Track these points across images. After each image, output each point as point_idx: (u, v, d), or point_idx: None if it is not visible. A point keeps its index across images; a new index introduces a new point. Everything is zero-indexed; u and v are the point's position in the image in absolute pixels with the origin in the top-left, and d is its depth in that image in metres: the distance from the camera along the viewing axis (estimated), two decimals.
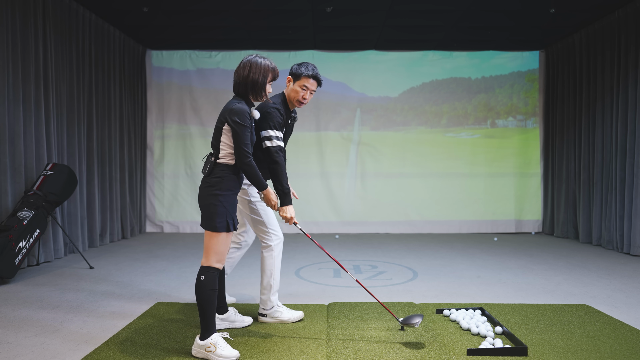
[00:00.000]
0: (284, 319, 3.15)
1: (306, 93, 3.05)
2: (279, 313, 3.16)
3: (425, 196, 7.84)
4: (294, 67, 3.07)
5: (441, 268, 5.01)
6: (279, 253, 3.13)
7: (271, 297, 3.13)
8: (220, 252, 2.61)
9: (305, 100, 3.07)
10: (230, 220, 2.61)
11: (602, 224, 6.26)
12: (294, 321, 3.17)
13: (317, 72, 3.05)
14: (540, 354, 2.65)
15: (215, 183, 2.60)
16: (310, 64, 3.08)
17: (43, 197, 4.60)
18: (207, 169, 2.64)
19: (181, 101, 7.79)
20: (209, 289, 2.56)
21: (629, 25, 5.74)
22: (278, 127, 2.94)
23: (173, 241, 6.78)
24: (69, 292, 3.97)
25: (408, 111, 7.91)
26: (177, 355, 2.62)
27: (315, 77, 3.04)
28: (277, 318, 3.15)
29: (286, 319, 3.15)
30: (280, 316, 3.15)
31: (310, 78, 3.03)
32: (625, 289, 4.15)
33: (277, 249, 3.11)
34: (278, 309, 3.17)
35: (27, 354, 2.64)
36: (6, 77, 4.62)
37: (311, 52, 7.71)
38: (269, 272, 3.10)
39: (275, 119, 2.93)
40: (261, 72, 2.72)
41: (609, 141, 6.18)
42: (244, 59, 2.78)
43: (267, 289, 3.12)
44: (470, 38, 7.17)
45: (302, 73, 3.02)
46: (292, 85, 3.07)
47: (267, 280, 3.11)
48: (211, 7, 5.91)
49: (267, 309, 3.15)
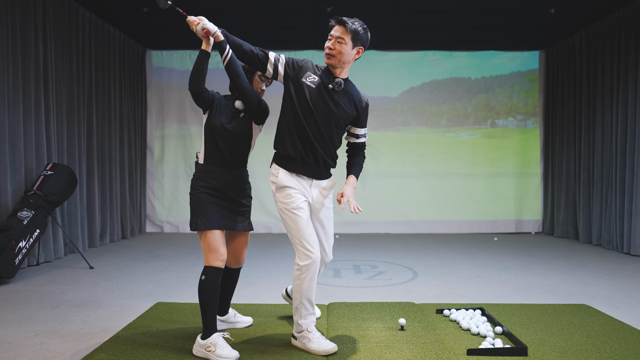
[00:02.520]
0: (310, 348, 2.65)
1: (329, 42, 2.64)
2: (307, 340, 2.68)
3: (425, 196, 7.84)
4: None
5: (441, 268, 5.01)
6: (311, 276, 2.60)
7: (300, 321, 2.69)
8: (211, 250, 2.57)
9: (332, 50, 2.63)
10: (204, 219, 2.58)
11: (602, 224, 6.26)
12: (321, 353, 2.63)
13: (338, 17, 2.65)
14: (540, 354, 2.65)
15: (195, 181, 2.69)
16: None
17: (43, 197, 4.60)
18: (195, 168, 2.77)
19: (181, 101, 7.79)
20: (210, 289, 2.57)
21: (629, 25, 5.74)
22: (291, 58, 2.68)
23: (173, 241, 6.77)
24: (69, 292, 3.97)
25: (408, 111, 7.91)
26: (177, 355, 2.62)
27: (336, 18, 2.64)
28: (304, 345, 2.69)
29: (313, 349, 2.64)
30: (307, 344, 2.67)
31: (331, 23, 2.66)
32: (625, 289, 4.15)
33: (307, 270, 2.59)
34: (307, 334, 2.68)
35: (27, 354, 2.64)
36: (6, 77, 4.62)
37: (311, 52, 7.71)
38: (297, 295, 2.64)
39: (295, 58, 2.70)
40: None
41: (609, 141, 6.18)
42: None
43: (296, 313, 2.70)
44: (470, 38, 7.17)
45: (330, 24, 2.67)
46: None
47: (295, 303, 2.68)
48: (211, 7, 5.92)
49: (297, 332, 2.74)
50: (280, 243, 6.52)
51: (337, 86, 2.69)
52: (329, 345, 2.64)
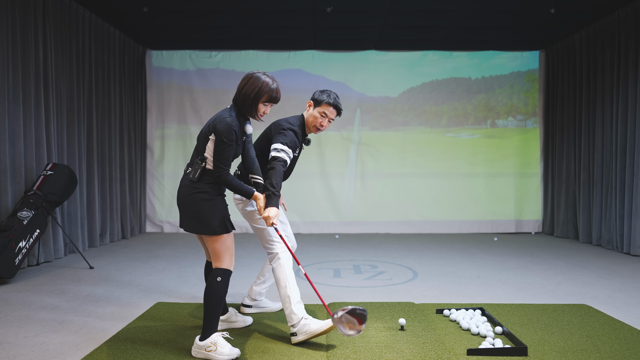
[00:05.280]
0: (313, 331, 2.76)
1: (324, 120, 3.07)
2: (307, 326, 2.78)
3: (425, 196, 7.84)
4: (316, 93, 3.10)
5: (441, 268, 5.01)
6: (287, 261, 2.93)
7: (294, 309, 2.81)
8: (230, 253, 2.64)
9: (323, 127, 3.09)
10: (228, 222, 2.64)
11: (602, 224, 6.26)
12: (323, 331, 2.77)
13: (338, 102, 3.08)
14: (540, 354, 2.65)
15: (208, 189, 2.58)
16: (332, 92, 3.09)
17: (43, 197, 4.60)
18: (197, 174, 2.58)
19: (181, 101, 7.79)
20: (223, 291, 2.59)
21: (629, 25, 5.74)
22: (292, 146, 2.91)
23: (173, 241, 6.78)
24: (69, 292, 3.97)
25: (408, 111, 7.91)
26: (177, 355, 2.62)
27: (336, 106, 3.06)
28: (307, 332, 2.77)
29: (315, 331, 2.76)
30: (309, 329, 2.77)
31: (331, 106, 3.04)
32: (625, 289, 4.15)
33: (284, 256, 2.93)
34: (305, 321, 2.79)
35: (27, 354, 2.64)
36: (6, 77, 4.62)
37: (311, 52, 7.71)
38: (283, 283, 2.87)
39: (290, 138, 2.93)
40: (256, 89, 2.60)
41: (609, 141, 6.18)
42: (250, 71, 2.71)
43: (286, 302, 2.85)
44: (470, 38, 7.17)
45: (323, 100, 3.04)
46: (312, 110, 3.09)
47: (283, 292, 2.86)
48: (211, 7, 5.91)
49: (294, 324, 2.80)
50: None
51: (307, 143, 3.21)
52: (326, 323, 2.78)
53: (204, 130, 2.64)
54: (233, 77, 7.67)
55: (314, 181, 7.80)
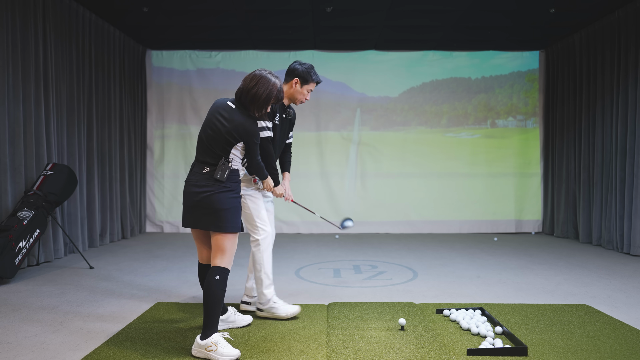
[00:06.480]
0: (279, 315, 3.21)
1: (309, 95, 3.30)
2: (275, 309, 3.21)
3: (425, 196, 7.84)
4: (301, 70, 3.20)
5: (441, 268, 5.01)
6: (267, 246, 3.19)
7: (264, 291, 3.18)
8: (234, 252, 2.72)
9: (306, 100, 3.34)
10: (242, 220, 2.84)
11: (602, 224, 6.26)
12: (289, 317, 3.22)
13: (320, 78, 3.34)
14: (540, 354, 2.65)
15: (235, 187, 2.68)
16: (312, 67, 3.27)
17: (43, 197, 4.60)
18: (225, 174, 2.62)
19: (181, 101, 7.79)
20: (222, 289, 2.61)
21: (629, 25, 5.74)
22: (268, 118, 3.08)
23: (173, 241, 6.77)
24: (69, 292, 3.97)
25: (408, 111, 7.91)
26: (177, 355, 2.62)
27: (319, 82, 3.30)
28: (273, 314, 3.22)
29: (281, 315, 3.21)
30: (275, 312, 3.21)
31: (316, 84, 3.28)
32: (625, 289, 4.15)
33: (264, 242, 3.17)
34: (274, 305, 3.21)
35: (27, 354, 2.64)
36: (6, 77, 4.62)
37: (311, 52, 7.71)
38: (259, 266, 3.17)
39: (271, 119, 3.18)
40: (266, 92, 2.69)
41: (609, 141, 6.18)
42: (255, 70, 2.75)
43: (259, 283, 3.20)
44: (470, 38, 7.17)
45: (312, 79, 3.23)
46: (297, 87, 3.22)
47: (257, 274, 3.19)
48: (211, 7, 5.91)
49: (263, 303, 3.21)
50: (281, 243, 6.52)
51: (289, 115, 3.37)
52: (294, 308, 3.24)
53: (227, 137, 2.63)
54: (233, 77, 7.67)
55: (314, 181, 7.79)
